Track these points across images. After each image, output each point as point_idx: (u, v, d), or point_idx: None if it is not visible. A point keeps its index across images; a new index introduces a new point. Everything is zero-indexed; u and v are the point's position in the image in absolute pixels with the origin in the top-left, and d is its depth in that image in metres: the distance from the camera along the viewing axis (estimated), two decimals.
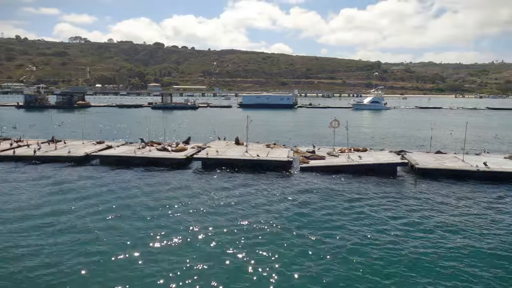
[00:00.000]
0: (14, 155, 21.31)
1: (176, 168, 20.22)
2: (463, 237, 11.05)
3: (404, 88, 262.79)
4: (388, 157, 20.21)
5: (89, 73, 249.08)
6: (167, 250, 10.14)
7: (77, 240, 10.63)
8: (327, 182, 17.32)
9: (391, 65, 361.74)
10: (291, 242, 10.64)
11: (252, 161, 20.15)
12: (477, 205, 14.16)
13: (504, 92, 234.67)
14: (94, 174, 18.59)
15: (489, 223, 12.20)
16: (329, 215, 12.91)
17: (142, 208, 13.43)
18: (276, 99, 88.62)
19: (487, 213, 13.21)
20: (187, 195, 15.07)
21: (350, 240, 10.73)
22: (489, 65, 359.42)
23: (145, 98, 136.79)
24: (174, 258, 9.65)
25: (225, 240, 10.76)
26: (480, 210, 13.61)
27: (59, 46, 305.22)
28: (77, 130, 35.11)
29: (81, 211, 13.01)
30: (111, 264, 9.34)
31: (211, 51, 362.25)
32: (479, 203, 14.34)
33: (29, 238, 10.72)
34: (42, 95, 76.17)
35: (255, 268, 9.16)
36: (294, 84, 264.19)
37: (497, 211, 13.43)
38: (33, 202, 14.02)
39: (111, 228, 11.59)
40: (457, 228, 11.75)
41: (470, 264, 9.40)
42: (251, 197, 14.87)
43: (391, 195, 15.37)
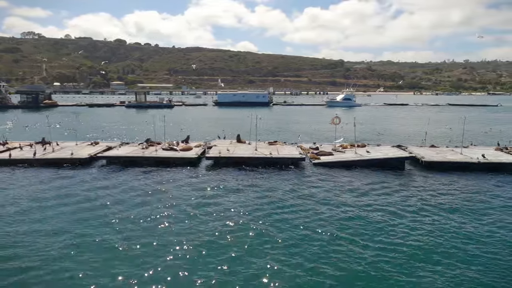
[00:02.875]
0: (11, 159, 19.92)
1: (187, 167, 19.96)
2: (480, 221, 12.15)
3: (367, 86, 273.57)
4: (394, 152, 21.26)
5: (46, 70, 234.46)
6: (206, 250, 10.17)
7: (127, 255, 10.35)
8: (343, 176, 17.96)
9: (353, 64, 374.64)
10: (346, 235, 11.06)
11: (265, 158, 20.35)
12: (486, 191, 15.54)
13: (456, 90, 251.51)
14: (109, 175, 17.92)
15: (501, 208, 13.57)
16: (360, 207, 13.50)
17: (174, 209, 13.25)
18: (252, 97, 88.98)
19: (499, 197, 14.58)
20: (214, 195, 15.02)
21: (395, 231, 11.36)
22: (442, 64, 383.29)
23: (112, 97, 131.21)
24: (212, 260, 9.71)
25: (264, 240, 10.85)
26: (489, 196, 14.99)
27: (10, 42, 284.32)
28: (61, 131, 33.34)
29: (118, 215, 12.61)
30: (159, 268, 9.25)
31: (176, 48, 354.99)
32: (487, 191, 15.72)
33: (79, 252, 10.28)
34: (3, 94, 70.72)
35: (296, 267, 9.42)
36: (261, 82, 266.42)
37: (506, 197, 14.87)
38: (60, 210, 13.35)
39: (159, 231, 11.38)
40: (471, 212, 13.07)
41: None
42: (276, 194, 15.09)
43: (410, 185, 16.39)
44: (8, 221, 11.89)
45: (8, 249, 9.93)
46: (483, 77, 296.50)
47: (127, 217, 12.30)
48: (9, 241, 10.39)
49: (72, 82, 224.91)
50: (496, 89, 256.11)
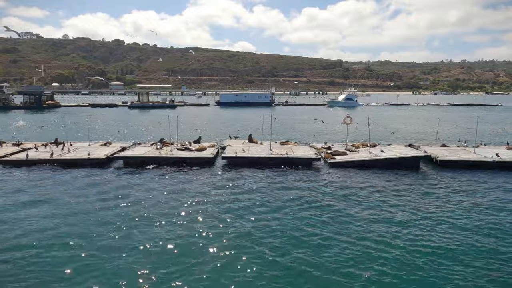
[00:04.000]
0: (28, 159, 19.96)
1: (204, 167, 20.09)
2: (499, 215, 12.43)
3: (365, 86, 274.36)
4: (409, 151, 21.47)
5: (44, 71, 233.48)
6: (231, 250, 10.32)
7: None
8: (361, 176, 18.15)
9: (351, 64, 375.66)
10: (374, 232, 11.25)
11: (281, 158, 20.50)
12: (507, 189, 15.77)
13: (454, 90, 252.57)
14: (129, 175, 18.01)
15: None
16: (384, 207, 13.69)
17: (199, 209, 13.39)
18: (254, 97, 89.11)
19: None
20: (236, 194, 15.16)
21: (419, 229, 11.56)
22: (439, 64, 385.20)
23: (113, 97, 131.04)
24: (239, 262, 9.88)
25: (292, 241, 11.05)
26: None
27: (8, 42, 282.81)
28: (72, 132, 33.32)
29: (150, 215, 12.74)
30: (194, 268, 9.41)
31: (174, 48, 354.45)
32: (507, 188, 15.95)
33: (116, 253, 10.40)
34: (6, 95, 70.56)
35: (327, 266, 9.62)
36: (260, 82, 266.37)
37: None
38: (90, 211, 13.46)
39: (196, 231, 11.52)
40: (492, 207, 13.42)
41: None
42: (298, 193, 15.26)
43: (428, 184, 16.60)
44: (42, 220, 12.00)
45: (40, 249, 10.05)
46: (481, 76, 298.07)
47: (157, 217, 12.43)
48: (44, 240, 10.52)
49: (71, 83, 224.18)
50: (494, 88, 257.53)
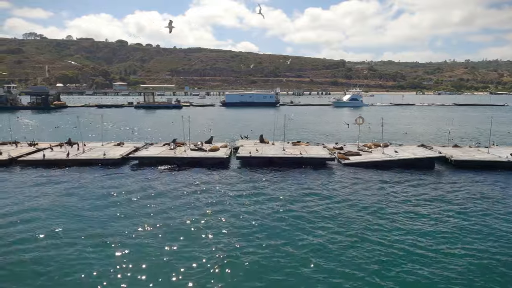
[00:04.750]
0: (45, 159, 20.14)
1: (218, 167, 20.19)
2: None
3: (369, 86, 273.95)
4: (423, 152, 21.49)
5: (48, 71, 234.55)
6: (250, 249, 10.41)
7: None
8: (376, 176, 18.20)
9: (354, 64, 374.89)
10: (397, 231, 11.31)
11: (295, 158, 20.58)
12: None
13: (458, 90, 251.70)
14: (147, 175, 18.15)
15: None
16: (405, 208, 13.75)
17: (221, 208, 13.51)
18: (259, 97, 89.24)
19: None
20: (255, 193, 15.26)
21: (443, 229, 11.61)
22: (443, 64, 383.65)
23: (117, 98, 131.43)
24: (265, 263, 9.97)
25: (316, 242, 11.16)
26: None
27: (13, 43, 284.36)
28: (83, 132, 33.48)
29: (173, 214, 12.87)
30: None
31: (177, 49, 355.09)
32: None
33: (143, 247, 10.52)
34: (13, 95, 71.01)
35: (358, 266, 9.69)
36: (263, 83, 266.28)
37: None
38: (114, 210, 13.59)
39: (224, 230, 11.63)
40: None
41: None
42: (315, 193, 15.35)
43: (444, 184, 16.63)
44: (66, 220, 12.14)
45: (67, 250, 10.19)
46: (485, 76, 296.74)
47: (187, 217, 12.56)
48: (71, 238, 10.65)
49: (75, 83, 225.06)
50: (498, 88, 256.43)
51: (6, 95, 70.02)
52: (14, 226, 11.55)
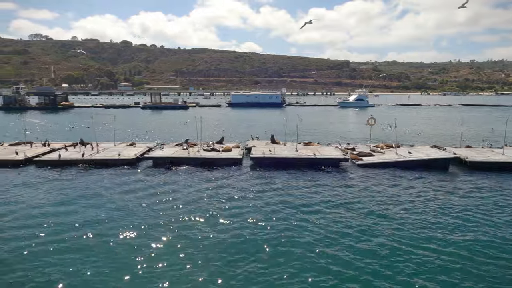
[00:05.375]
0: (60, 159, 20.31)
1: (232, 167, 20.25)
2: None
3: (373, 86, 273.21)
4: (437, 152, 21.43)
5: (54, 72, 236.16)
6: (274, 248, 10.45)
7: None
8: (392, 177, 18.17)
9: (358, 64, 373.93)
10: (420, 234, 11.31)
11: (309, 159, 20.59)
12: None
13: (463, 90, 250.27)
14: (163, 175, 18.26)
15: None
16: (425, 209, 13.74)
17: (240, 208, 13.57)
18: (265, 98, 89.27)
19: None
20: (271, 194, 15.32)
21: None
22: (448, 64, 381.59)
23: (123, 98, 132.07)
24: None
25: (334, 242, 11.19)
26: None
27: (19, 44, 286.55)
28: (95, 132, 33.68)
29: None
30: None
31: (181, 49, 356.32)
32: None
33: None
34: (22, 96, 71.66)
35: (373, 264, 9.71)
36: (268, 83, 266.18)
37: None
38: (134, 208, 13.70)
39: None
40: None
41: None
42: (333, 193, 15.38)
43: (460, 186, 16.59)
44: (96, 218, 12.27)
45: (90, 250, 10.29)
46: (490, 77, 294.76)
47: (208, 217, 12.64)
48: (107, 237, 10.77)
49: (80, 84, 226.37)
50: (504, 89, 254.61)
51: (15, 95, 70.70)
52: (46, 222, 11.69)
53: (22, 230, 11.28)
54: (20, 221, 12.03)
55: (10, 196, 14.69)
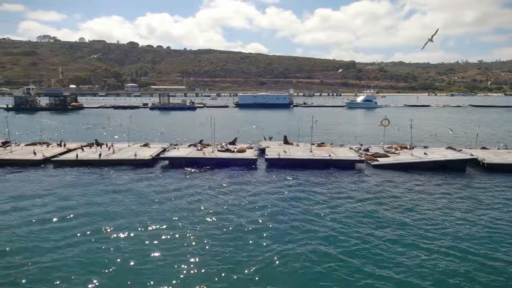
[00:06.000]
0: (78, 160, 20.54)
1: (246, 167, 20.31)
2: None
3: (380, 87, 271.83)
4: (454, 154, 21.29)
5: (62, 73, 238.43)
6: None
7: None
8: (407, 178, 18.12)
9: (364, 65, 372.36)
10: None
11: (324, 160, 20.58)
12: None
13: (471, 91, 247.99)
14: (182, 176, 18.37)
15: None
16: (446, 212, 13.69)
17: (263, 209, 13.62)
18: (272, 98, 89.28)
19: None
20: (292, 195, 15.35)
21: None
22: (455, 65, 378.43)
23: (130, 99, 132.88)
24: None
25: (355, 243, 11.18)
26: None
27: (27, 45, 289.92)
28: (106, 133, 34.00)
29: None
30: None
31: (187, 50, 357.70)
32: None
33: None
34: (32, 97, 72.51)
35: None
36: (273, 84, 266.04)
37: None
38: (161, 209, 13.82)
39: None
40: None
41: None
42: (349, 194, 15.36)
43: (479, 188, 16.49)
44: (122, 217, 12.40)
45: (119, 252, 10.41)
46: (499, 77, 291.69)
47: (231, 217, 12.71)
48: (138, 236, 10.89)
49: (87, 85, 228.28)
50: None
51: (26, 96, 71.54)
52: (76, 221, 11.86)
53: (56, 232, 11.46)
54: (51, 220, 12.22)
55: (35, 197, 14.89)
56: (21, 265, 9.31)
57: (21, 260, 9.52)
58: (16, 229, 11.48)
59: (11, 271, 9.02)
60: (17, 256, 9.76)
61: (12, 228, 11.52)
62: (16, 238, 10.81)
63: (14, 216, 12.57)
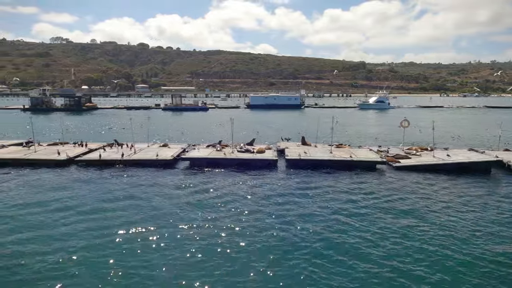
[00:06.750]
0: (101, 159, 20.80)
1: (267, 168, 20.31)
2: None
3: (390, 88, 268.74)
4: (478, 156, 21.00)
5: (74, 74, 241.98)
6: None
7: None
8: (431, 180, 17.88)
9: (374, 65, 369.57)
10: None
11: (345, 161, 20.48)
12: None
13: (484, 92, 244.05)
14: (205, 176, 18.47)
15: None
16: (475, 215, 13.48)
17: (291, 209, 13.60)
18: (284, 99, 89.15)
19: None
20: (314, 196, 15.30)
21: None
22: (467, 65, 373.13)
23: (141, 100, 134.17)
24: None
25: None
26: None
27: (41, 47, 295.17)
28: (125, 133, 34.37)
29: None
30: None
31: (197, 51, 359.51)
32: None
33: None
34: (48, 98, 73.81)
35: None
36: (283, 85, 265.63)
37: None
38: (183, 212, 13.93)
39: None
40: None
41: None
42: (375, 196, 15.24)
43: (506, 191, 16.14)
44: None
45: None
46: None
47: (255, 217, 12.75)
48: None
49: (99, 86, 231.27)
50: None
51: (42, 97, 72.84)
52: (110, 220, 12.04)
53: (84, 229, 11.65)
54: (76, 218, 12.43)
55: (65, 194, 15.14)
56: (57, 262, 9.49)
57: (58, 259, 9.70)
58: (56, 228, 11.71)
59: (46, 268, 9.20)
60: (55, 253, 9.96)
61: (52, 225, 11.75)
62: (59, 237, 11.03)
63: (55, 216, 12.81)
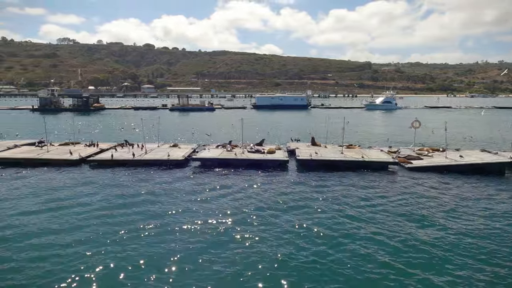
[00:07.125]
0: (113, 159, 20.93)
1: (278, 169, 20.29)
2: None
3: (396, 88, 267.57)
4: (491, 157, 20.79)
5: (81, 75, 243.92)
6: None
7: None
8: (445, 181, 17.75)
9: (380, 66, 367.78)
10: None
11: (357, 162, 20.40)
12: None
13: (492, 92, 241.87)
14: (217, 176, 18.51)
15: None
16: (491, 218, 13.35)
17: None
18: (290, 100, 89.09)
19: None
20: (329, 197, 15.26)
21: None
22: (474, 65, 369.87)
23: (148, 100, 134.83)
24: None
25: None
26: None
27: (48, 48, 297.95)
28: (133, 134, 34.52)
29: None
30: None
31: (202, 52, 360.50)
32: None
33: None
34: (56, 98, 74.53)
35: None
36: (288, 85, 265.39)
37: None
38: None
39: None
40: None
41: None
42: (387, 197, 15.15)
43: None
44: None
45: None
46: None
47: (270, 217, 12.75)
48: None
49: (106, 86, 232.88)
50: None
51: (51, 97, 73.54)
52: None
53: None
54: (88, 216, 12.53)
55: (79, 193, 15.28)
56: (71, 260, 9.57)
57: (72, 257, 9.78)
58: (75, 225, 11.81)
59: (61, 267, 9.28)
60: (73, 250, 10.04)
61: (71, 222, 11.86)
62: (80, 234, 11.12)
63: (72, 213, 12.94)
